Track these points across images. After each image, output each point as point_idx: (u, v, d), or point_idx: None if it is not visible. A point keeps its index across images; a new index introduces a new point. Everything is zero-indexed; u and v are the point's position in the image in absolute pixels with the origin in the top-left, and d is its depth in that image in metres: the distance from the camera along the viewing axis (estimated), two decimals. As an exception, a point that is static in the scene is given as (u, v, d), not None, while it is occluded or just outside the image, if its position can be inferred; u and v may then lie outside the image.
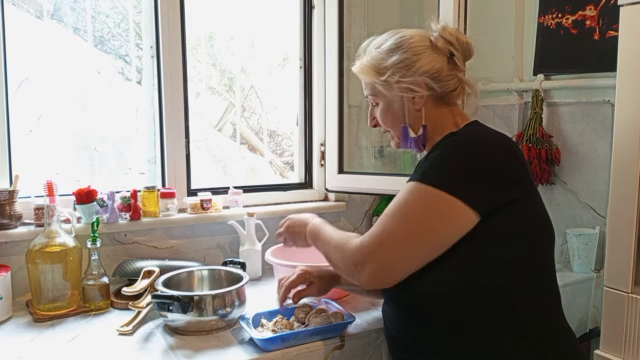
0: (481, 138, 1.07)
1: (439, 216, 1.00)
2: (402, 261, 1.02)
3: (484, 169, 1.01)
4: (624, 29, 1.34)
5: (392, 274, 1.03)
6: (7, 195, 1.53)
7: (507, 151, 1.05)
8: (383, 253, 1.02)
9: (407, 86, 1.12)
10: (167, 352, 1.20)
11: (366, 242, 1.05)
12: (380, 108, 1.20)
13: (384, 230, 1.03)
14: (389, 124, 1.20)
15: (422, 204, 1.01)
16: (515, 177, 1.04)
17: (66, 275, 1.41)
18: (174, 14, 1.80)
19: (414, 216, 1.01)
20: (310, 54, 2.11)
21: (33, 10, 1.72)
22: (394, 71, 1.12)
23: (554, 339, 1.05)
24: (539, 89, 1.92)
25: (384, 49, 1.15)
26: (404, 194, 1.04)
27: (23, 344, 1.24)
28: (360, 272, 1.04)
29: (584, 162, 1.85)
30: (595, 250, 1.80)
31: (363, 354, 1.31)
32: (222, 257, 1.86)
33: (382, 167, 2.22)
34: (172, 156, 1.84)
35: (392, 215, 1.03)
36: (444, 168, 1.02)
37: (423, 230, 1.01)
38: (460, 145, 1.04)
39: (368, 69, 1.17)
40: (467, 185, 0.99)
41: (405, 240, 1.01)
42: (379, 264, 1.02)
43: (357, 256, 1.05)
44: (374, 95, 1.20)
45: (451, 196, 0.98)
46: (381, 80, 1.14)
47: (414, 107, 1.15)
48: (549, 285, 1.10)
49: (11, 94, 1.63)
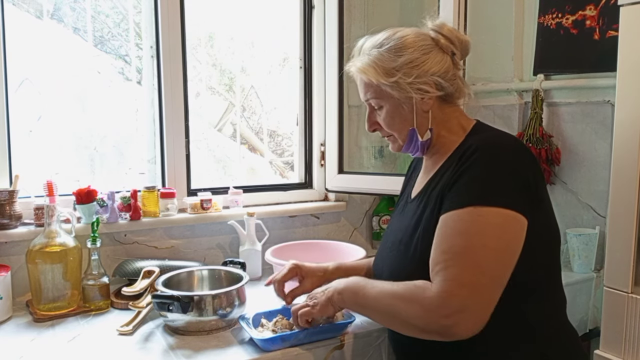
0: (508, 146, 1.04)
1: (516, 235, 0.96)
2: (497, 292, 0.95)
3: (521, 177, 1.00)
4: (624, 29, 1.34)
5: (490, 311, 0.94)
6: (7, 195, 1.53)
7: (530, 156, 1.05)
8: (481, 292, 0.94)
9: (419, 87, 1.09)
10: (167, 352, 1.20)
11: (454, 287, 0.93)
12: (386, 111, 1.14)
13: (470, 267, 0.94)
14: (396, 127, 1.15)
15: (497, 226, 0.95)
16: (540, 179, 1.04)
17: (66, 275, 1.41)
18: (174, 14, 1.80)
19: (496, 243, 0.94)
20: (310, 54, 2.11)
21: (33, 10, 1.72)
22: (406, 72, 1.09)
23: (559, 341, 1.05)
24: (539, 89, 1.92)
25: (390, 49, 1.11)
26: (468, 222, 0.96)
27: (23, 344, 1.24)
28: (457, 322, 0.93)
29: (584, 162, 1.85)
30: (595, 250, 1.80)
31: (363, 354, 1.31)
32: (222, 257, 1.86)
33: (382, 167, 2.22)
34: (172, 156, 1.84)
35: (470, 248, 0.95)
36: (496, 185, 0.98)
37: (508, 254, 0.96)
38: (496, 159, 1.01)
39: (373, 70, 1.11)
40: (519, 197, 0.98)
41: (496, 271, 0.94)
42: (480, 306, 0.94)
43: (450, 306, 0.93)
44: (378, 98, 1.14)
45: (515, 212, 0.96)
46: (390, 82, 1.10)
47: (423, 108, 1.12)
48: (557, 287, 1.10)
49: (11, 94, 1.63)
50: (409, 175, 1.33)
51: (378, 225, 2.16)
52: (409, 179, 1.32)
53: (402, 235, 1.13)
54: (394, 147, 1.21)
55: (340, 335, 1.28)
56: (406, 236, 1.11)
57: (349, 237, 2.14)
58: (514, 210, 0.96)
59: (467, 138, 1.11)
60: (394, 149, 1.21)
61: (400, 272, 1.10)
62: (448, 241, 0.97)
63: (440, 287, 0.95)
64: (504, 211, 0.95)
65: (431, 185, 1.12)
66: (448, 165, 1.09)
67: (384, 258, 1.20)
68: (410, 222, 1.12)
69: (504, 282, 0.96)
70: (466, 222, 0.96)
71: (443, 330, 0.94)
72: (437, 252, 0.99)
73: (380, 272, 1.20)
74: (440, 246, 0.99)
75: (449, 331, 0.94)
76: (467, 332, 0.94)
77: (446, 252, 0.97)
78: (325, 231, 2.10)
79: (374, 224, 2.17)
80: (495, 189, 0.97)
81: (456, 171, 1.02)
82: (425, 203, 1.10)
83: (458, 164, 1.03)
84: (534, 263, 1.02)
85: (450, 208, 1.00)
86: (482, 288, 0.94)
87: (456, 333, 0.94)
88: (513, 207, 0.96)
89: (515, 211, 0.96)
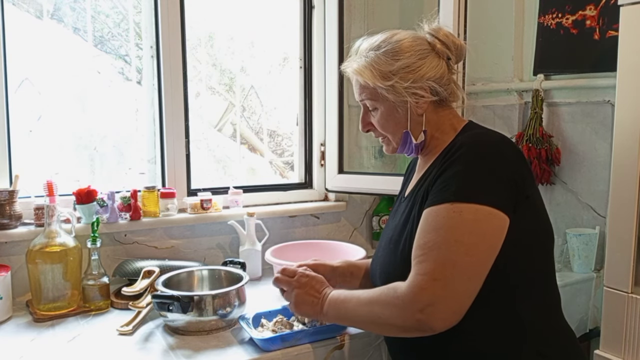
0: (492, 143, 1.04)
1: (492, 231, 0.97)
2: (471, 286, 0.96)
3: (504, 174, 1.00)
4: (624, 29, 1.34)
5: (465, 304, 0.96)
6: (7, 195, 1.53)
7: (516, 152, 1.05)
8: (452, 285, 0.94)
9: (414, 91, 1.10)
10: (167, 352, 1.20)
11: (425, 281, 0.95)
12: (380, 113, 1.15)
13: (441, 262, 0.95)
14: (390, 129, 1.16)
15: (472, 222, 0.96)
16: (526, 176, 1.04)
17: (66, 275, 1.41)
18: (174, 14, 1.80)
19: (469, 238, 0.95)
20: (310, 54, 2.11)
21: (33, 10, 1.72)
22: (402, 76, 1.09)
23: (555, 340, 1.05)
24: (539, 89, 1.92)
25: (387, 52, 1.11)
26: (444, 218, 0.97)
27: (23, 344, 1.24)
28: (430, 315, 0.94)
29: (584, 162, 1.85)
30: (595, 250, 1.80)
31: (363, 354, 1.31)
32: (222, 257, 1.86)
33: (382, 167, 2.22)
34: (172, 156, 1.84)
35: (443, 244, 0.96)
36: (475, 182, 0.99)
37: (482, 249, 0.96)
38: (477, 155, 1.01)
39: (370, 72, 1.12)
40: (500, 193, 0.98)
41: (469, 265, 0.95)
42: (452, 298, 0.95)
43: (421, 300, 0.95)
44: (373, 100, 1.14)
45: (493, 208, 0.96)
46: (386, 85, 1.10)
47: (417, 111, 1.13)
48: (550, 286, 1.10)
49: (11, 94, 1.63)
50: (407, 175, 1.34)
51: (378, 225, 2.16)
52: (406, 179, 1.32)
53: (392, 234, 1.15)
54: (388, 149, 1.21)
55: (340, 335, 1.28)
56: (396, 234, 1.12)
57: (349, 237, 2.14)
58: (492, 206, 0.96)
59: (456, 137, 1.12)
60: (388, 151, 1.21)
61: (390, 270, 1.11)
62: (424, 237, 0.99)
63: (412, 282, 0.97)
64: (480, 207, 0.96)
65: (420, 184, 1.13)
66: (436, 163, 1.10)
67: (378, 257, 1.21)
68: (400, 220, 1.14)
69: (479, 277, 0.97)
70: (442, 217, 0.98)
71: (420, 325, 0.96)
72: (415, 248, 1.01)
73: (374, 271, 1.21)
74: (417, 242, 1.01)
75: (425, 325, 0.95)
76: (442, 324, 0.95)
77: (422, 247, 0.99)
78: (325, 231, 2.10)
79: (374, 224, 2.17)
80: (473, 185, 0.98)
81: (439, 168, 1.04)
82: (414, 201, 1.11)
83: (442, 161, 1.05)
84: (525, 261, 1.02)
85: (430, 204, 1.01)
86: (453, 281, 0.95)
87: (432, 327, 0.95)
88: (490, 204, 0.96)
89: (493, 207, 0.96)
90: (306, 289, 1.17)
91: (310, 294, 1.16)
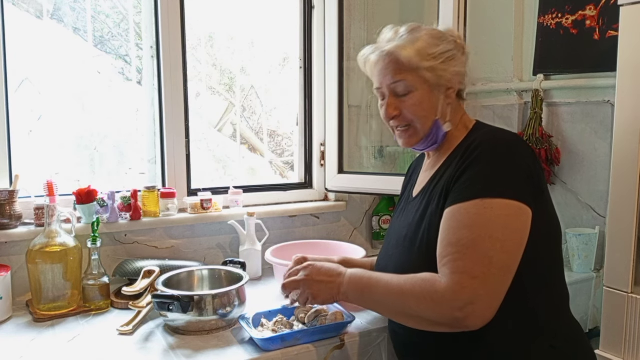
0: (510, 140, 1.06)
1: (522, 226, 0.97)
2: (506, 282, 0.96)
3: (525, 170, 1.01)
4: (624, 29, 1.34)
5: (500, 301, 0.96)
6: (7, 195, 1.53)
7: (530, 150, 1.07)
8: (491, 282, 0.94)
9: (451, 77, 1.11)
10: (167, 352, 1.20)
11: (465, 279, 0.94)
12: (416, 97, 1.11)
13: (478, 259, 0.94)
14: (422, 113, 1.12)
15: (504, 217, 0.96)
16: (541, 173, 1.06)
17: (66, 275, 1.41)
18: (174, 14, 1.80)
19: (503, 233, 0.95)
20: (310, 54, 2.11)
21: (33, 10, 1.72)
22: (444, 60, 1.10)
23: (567, 334, 1.07)
24: (538, 89, 1.92)
25: (430, 35, 1.12)
26: (475, 215, 0.97)
27: (23, 344, 1.24)
28: (469, 313, 0.93)
29: (584, 162, 1.86)
30: (595, 250, 1.80)
31: (363, 354, 1.31)
32: (222, 257, 1.86)
33: (382, 167, 2.22)
34: (172, 156, 1.84)
35: (478, 240, 0.95)
36: (502, 178, 0.99)
37: (515, 244, 0.97)
38: (499, 152, 1.02)
39: (415, 51, 1.09)
40: (525, 189, 0.99)
41: (504, 261, 0.95)
42: (490, 296, 0.94)
43: (462, 298, 0.94)
44: (411, 81, 1.10)
45: (521, 203, 0.97)
46: (427, 66, 1.09)
47: (448, 100, 1.14)
48: (561, 281, 1.11)
49: (11, 94, 1.63)
50: (409, 177, 1.34)
51: (378, 225, 2.16)
52: (409, 180, 1.32)
53: (406, 232, 1.14)
54: (409, 140, 1.16)
55: (340, 335, 1.28)
56: (411, 232, 1.12)
57: (349, 237, 2.14)
58: (519, 200, 0.97)
59: (469, 135, 1.13)
60: (406, 143, 1.17)
61: (406, 267, 1.10)
62: (455, 234, 0.98)
63: (450, 279, 0.96)
64: (509, 202, 0.97)
65: (434, 181, 1.13)
66: (451, 161, 1.10)
67: (390, 256, 1.20)
68: (414, 218, 1.13)
69: (512, 272, 0.97)
70: (473, 214, 0.97)
71: (455, 323, 0.95)
72: (444, 245, 0.99)
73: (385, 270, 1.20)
74: (447, 239, 0.99)
75: (461, 323, 0.95)
76: (479, 322, 0.95)
77: (454, 244, 0.98)
78: (325, 231, 2.10)
79: (374, 224, 2.17)
80: (499, 181, 0.99)
81: (460, 166, 1.04)
82: (429, 198, 1.11)
83: (462, 159, 1.05)
84: (538, 256, 1.03)
85: (456, 201, 1.01)
86: (491, 279, 0.94)
87: (468, 324, 0.95)
88: (518, 198, 0.97)
89: (520, 202, 0.97)
90: (316, 275, 1.17)
91: (321, 279, 1.16)
